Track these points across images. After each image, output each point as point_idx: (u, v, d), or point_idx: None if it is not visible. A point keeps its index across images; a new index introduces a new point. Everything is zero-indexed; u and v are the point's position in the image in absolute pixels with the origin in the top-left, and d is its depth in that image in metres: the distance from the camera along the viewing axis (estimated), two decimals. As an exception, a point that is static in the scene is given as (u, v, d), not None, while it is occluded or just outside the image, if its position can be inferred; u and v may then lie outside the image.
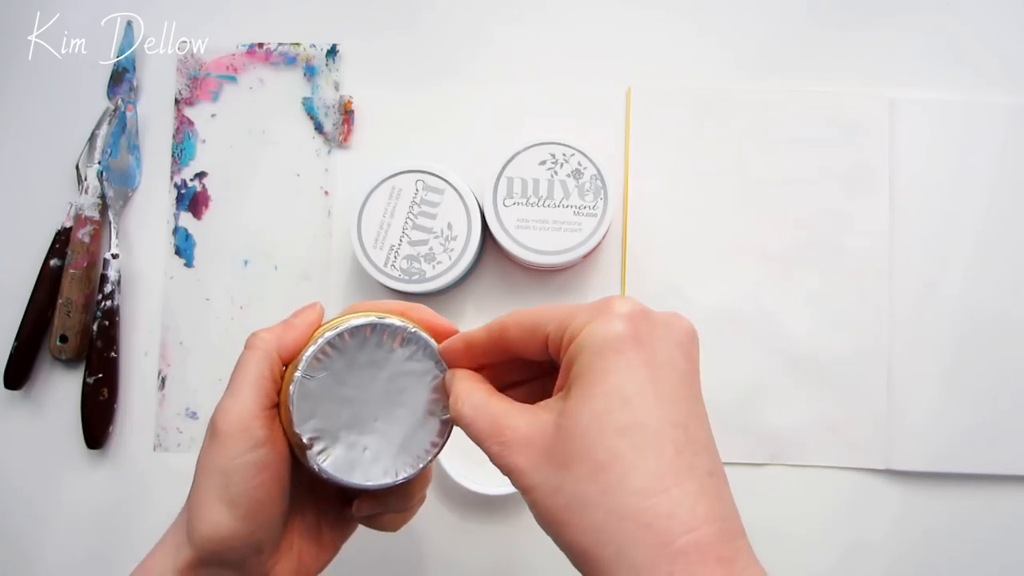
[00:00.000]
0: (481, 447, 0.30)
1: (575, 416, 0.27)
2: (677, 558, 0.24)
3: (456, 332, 0.35)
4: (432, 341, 0.35)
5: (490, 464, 0.30)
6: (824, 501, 0.54)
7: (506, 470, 0.29)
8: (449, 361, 0.34)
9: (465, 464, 0.51)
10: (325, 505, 0.39)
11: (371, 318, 0.34)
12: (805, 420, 0.54)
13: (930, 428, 0.53)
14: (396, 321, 0.34)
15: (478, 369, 0.34)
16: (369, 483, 0.34)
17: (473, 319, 0.55)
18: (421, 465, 0.35)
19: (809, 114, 0.55)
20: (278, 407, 0.35)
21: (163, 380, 0.55)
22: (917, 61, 0.56)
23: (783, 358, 0.54)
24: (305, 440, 0.34)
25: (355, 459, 0.34)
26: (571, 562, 0.27)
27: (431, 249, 0.51)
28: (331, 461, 0.34)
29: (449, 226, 0.51)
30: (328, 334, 0.34)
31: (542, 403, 0.29)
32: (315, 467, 0.34)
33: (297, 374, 0.34)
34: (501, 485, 0.51)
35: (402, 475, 0.35)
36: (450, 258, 0.51)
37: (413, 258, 0.51)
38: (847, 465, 0.54)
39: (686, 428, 0.27)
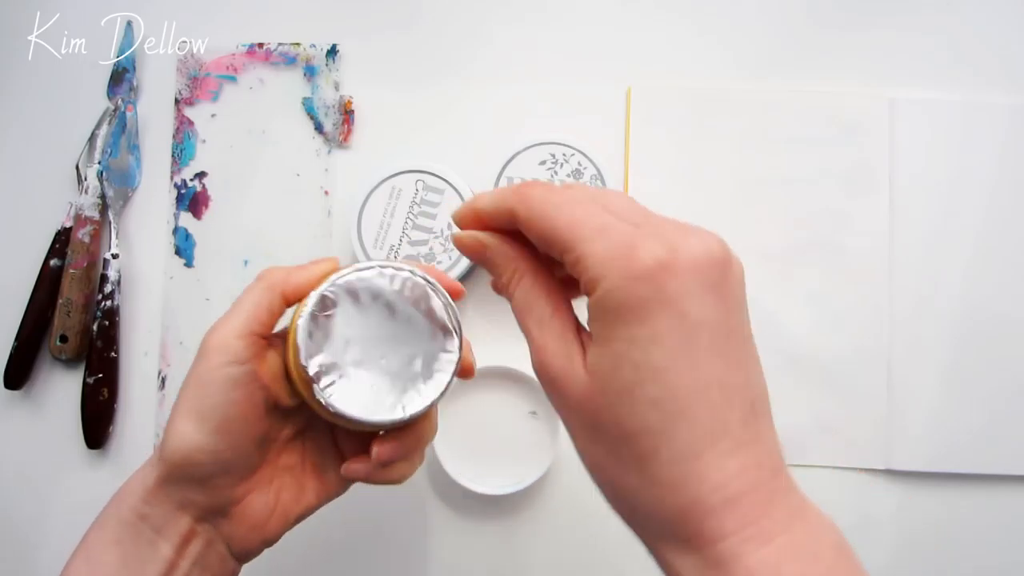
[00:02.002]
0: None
1: (604, 382, 0.26)
2: (708, 516, 0.25)
3: (461, 291, 0.37)
4: (439, 285, 0.36)
5: (490, 464, 0.30)
6: (824, 501, 0.53)
7: (544, 387, 0.28)
8: (466, 226, 0.31)
9: (465, 464, 0.51)
10: (314, 451, 0.39)
11: (380, 263, 0.35)
12: (805, 420, 0.54)
13: (930, 428, 0.53)
14: (404, 266, 0.35)
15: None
16: (376, 418, 0.35)
17: (473, 319, 0.55)
18: (428, 402, 0.35)
19: (809, 114, 0.55)
20: (284, 342, 0.36)
21: (163, 380, 0.55)
22: (917, 61, 0.56)
23: (783, 358, 0.54)
24: (311, 373, 0.34)
25: (362, 394, 0.35)
26: (608, 503, 0.28)
27: (431, 249, 0.51)
28: (338, 396, 0.34)
29: (449, 226, 0.51)
30: (338, 276, 0.35)
31: (583, 340, 0.28)
32: (321, 400, 0.34)
33: (306, 310, 0.34)
34: (501, 485, 0.51)
35: (410, 411, 0.35)
36: (450, 258, 0.51)
37: (413, 258, 0.51)
38: (847, 465, 0.54)
39: (721, 383, 0.26)
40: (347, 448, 0.39)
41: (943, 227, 0.54)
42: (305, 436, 0.39)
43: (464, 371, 0.38)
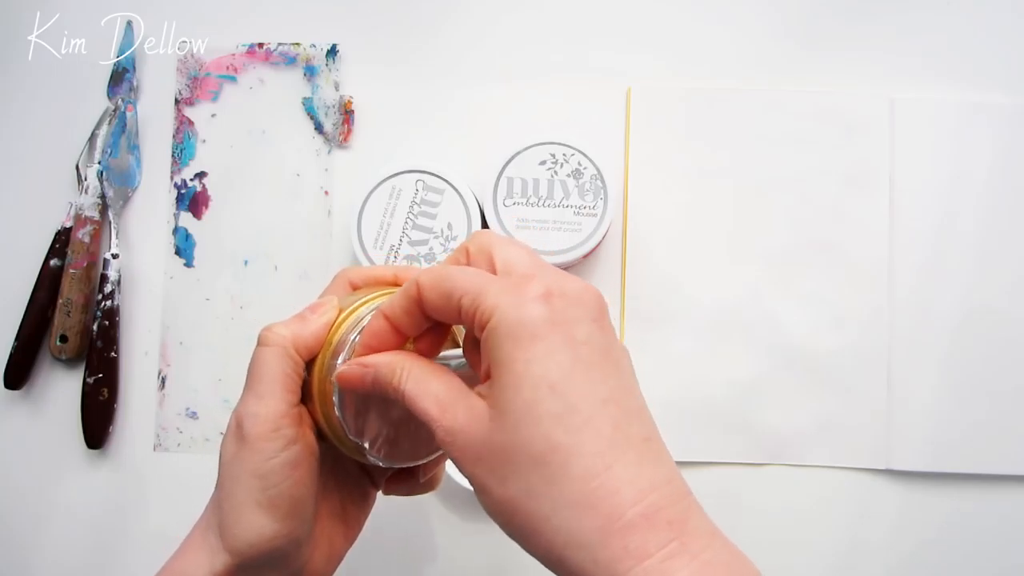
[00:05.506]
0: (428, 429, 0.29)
1: (506, 409, 0.26)
2: (628, 531, 0.25)
3: None
4: None
5: None
6: (824, 501, 0.54)
7: (452, 459, 0.28)
8: (379, 347, 0.32)
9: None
10: (347, 484, 0.38)
11: (383, 294, 0.35)
12: (805, 420, 0.54)
13: (930, 428, 0.53)
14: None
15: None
16: (422, 459, 0.35)
17: (473, 319, 0.55)
18: None
19: (809, 114, 0.55)
20: (304, 401, 0.34)
21: (163, 380, 0.55)
22: (917, 61, 0.56)
23: (783, 358, 0.54)
24: (360, 444, 0.33)
25: (400, 438, 0.34)
26: (526, 551, 0.27)
27: (431, 249, 0.51)
28: (387, 451, 0.34)
29: (449, 226, 0.51)
30: (348, 329, 0.33)
31: (476, 389, 0.29)
32: (378, 462, 0.34)
33: (336, 391, 0.33)
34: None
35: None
36: (450, 258, 0.51)
37: (413, 258, 0.51)
38: (847, 465, 0.54)
39: (617, 401, 0.27)
40: (376, 470, 0.38)
41: (943, 227, 0.54)
42: (337, 477, 0.38)
43: None
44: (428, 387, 0.29)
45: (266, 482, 0.32)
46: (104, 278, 0.54)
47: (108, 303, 0.54)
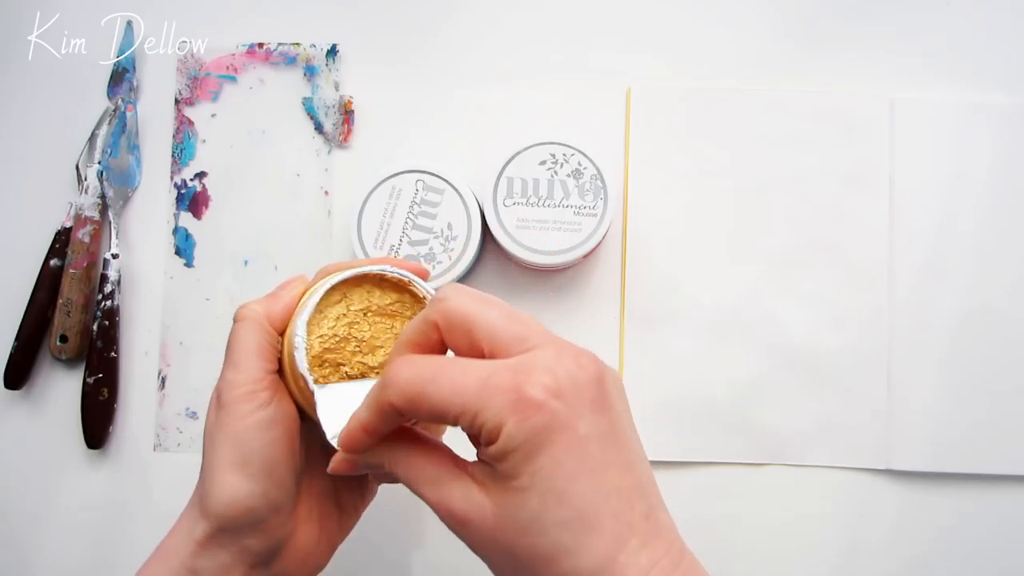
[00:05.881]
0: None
1: (513, 516, 0.27)
2: None
3: (425, 272, 0.38)
4: (407, 273, 0.37)
5: None
6: (824, 501, 0.54)
7: (459, 536, 0.30)
8: (356, 449, 0.32)
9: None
10: None
11: (347, 273, 0.36)
12: (805, 420, 0.54)
13: (930, 428, 0.53)
14: (372, 268, 0.36)
15: None
16: None
17: (473, 319, 0.55)
18: None
19: (809, 114, 0.55)
20: (280, 372, 0.36)
21: (163, 380, 0.55)
22: (917, 61, 0.56)
23: (783, 358, 0.54)
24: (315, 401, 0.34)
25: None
26: None
27: (431, 249, 0.51)
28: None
29: (449, 226, 0.51)
30: (313, 299, 0.35)
31: (477, 473, 0.29)
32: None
33: (297, 340, 0.34)
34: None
35: None
36: (450, 258, 0.51)
37: (413, 258, 0.51)
38: (847, 465, 0.54)
39: (619, 489, 0.27)
40: None
41: (943, 227, 0.54)
42: (328, 454, 0.39)
43: None
44: (420, 473, 0.30)
45: (239, 442, 0.34)
46: (104, 278, 0.54)
47: (108, 303, 0.54)
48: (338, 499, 0.39)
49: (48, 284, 0.54)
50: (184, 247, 0.56)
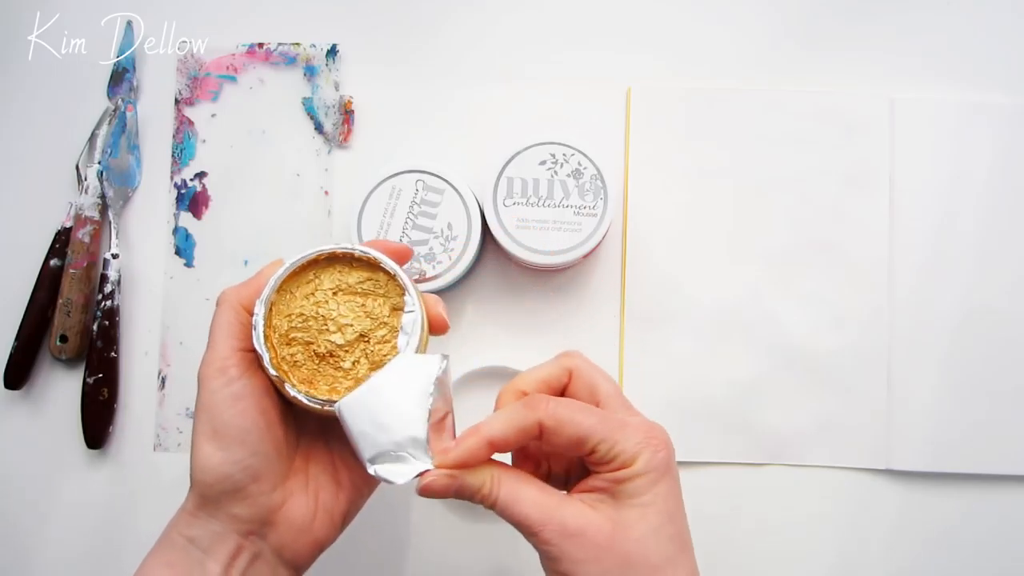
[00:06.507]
0: (531, 536, 0.35)
1: (635, 526, 0.35)
2: None
3: (409, 253, 0.41)
4: (374, 252, 0.38)
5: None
6: (824, 501, 0.54)
7: (555, 554, 0.34)
8: (470, 464, 0.36)
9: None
10: (339, 446, 0.40)
11: (308, 252, 0.38)
12: (805, 420, 0.54)
13: (930, 428, 0.53)
14: (338, 247, 0.38)
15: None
16: (339, 397, 0.37)
17: (473, 319, 0.55)
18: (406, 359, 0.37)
19: (809, 114, 0.55)
20: (254, 351, 0.38)
21: (163, 380, 0.55)
22: (917, 61, 0.56)
23: (783, 358, 0.54)
24: (274, 375, 0.36)
25: (315, 379, 0.37)
26: None
27: (431, 249, 0.51)
28: (305, 390, 0.37)
29: (449, 226, 0.51)
30: (271, 281, 0.37)
31: (584, 499, 0.36)
32: (292, 396, 0.36)
33: (254, 319, 0.37)
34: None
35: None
36: (450, 258, 0.51)
37: (413, 258, 0.51)
38: (847, 465, 0.54)
39: (686, 516, 0.37)
40: None
41: (943, 227, 0.54)
42: (329, 436, 0.41)
43: (434, 325, 0.40)
44: (523, 493, 0.35)
45: (211, 414, 0.36)
46: (104, 278, 0.54)
47: (108, 303, 0.54)
48: (336, 476, 0.40)
49: (48, 284, 0.54)
50: (184, 247, 0.56)
